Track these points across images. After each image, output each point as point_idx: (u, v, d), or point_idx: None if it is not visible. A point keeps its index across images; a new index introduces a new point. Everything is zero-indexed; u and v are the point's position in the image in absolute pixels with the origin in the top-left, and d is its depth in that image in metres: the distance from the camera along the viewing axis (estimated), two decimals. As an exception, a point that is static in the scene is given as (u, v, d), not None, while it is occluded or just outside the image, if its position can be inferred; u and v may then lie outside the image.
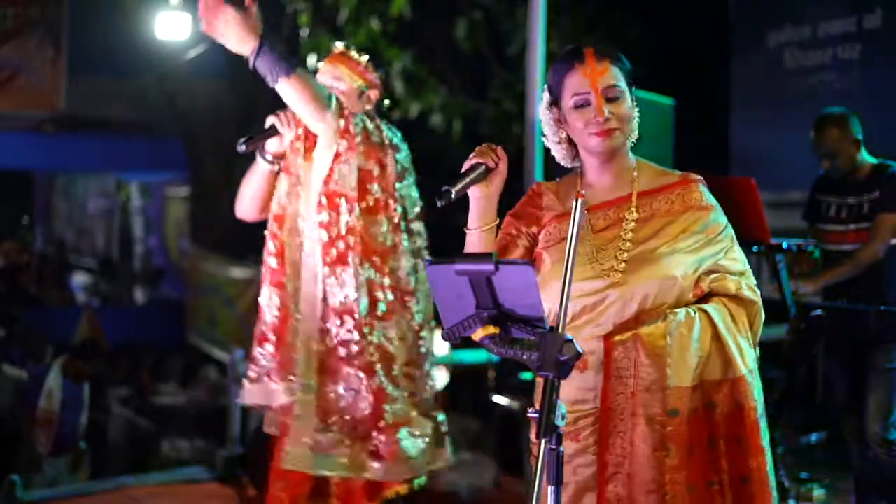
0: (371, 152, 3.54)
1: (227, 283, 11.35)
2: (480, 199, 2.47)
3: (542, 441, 2.02)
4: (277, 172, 3.67)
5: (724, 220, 2.49)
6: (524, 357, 2.08)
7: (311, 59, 9.19)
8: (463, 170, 2.43)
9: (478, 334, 2.13)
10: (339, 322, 3.45)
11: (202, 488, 5.80)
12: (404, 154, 3.68)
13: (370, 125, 3.57)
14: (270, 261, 3.59)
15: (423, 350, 3.66)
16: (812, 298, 4.69)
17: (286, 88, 3.31)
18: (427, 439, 3.54)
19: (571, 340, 2.02)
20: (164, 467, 7.97)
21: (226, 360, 8.29)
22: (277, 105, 3.63)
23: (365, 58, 3.71)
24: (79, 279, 18.20)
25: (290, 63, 3.28)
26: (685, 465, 2.31)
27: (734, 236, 2.49)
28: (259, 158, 3.62)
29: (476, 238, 2.50)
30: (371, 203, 3.53)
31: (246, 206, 3.76)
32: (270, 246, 3.60)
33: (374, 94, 3.71)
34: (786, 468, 4.63)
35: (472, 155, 2.45)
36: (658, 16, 8.85)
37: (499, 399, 6.07)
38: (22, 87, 11.11)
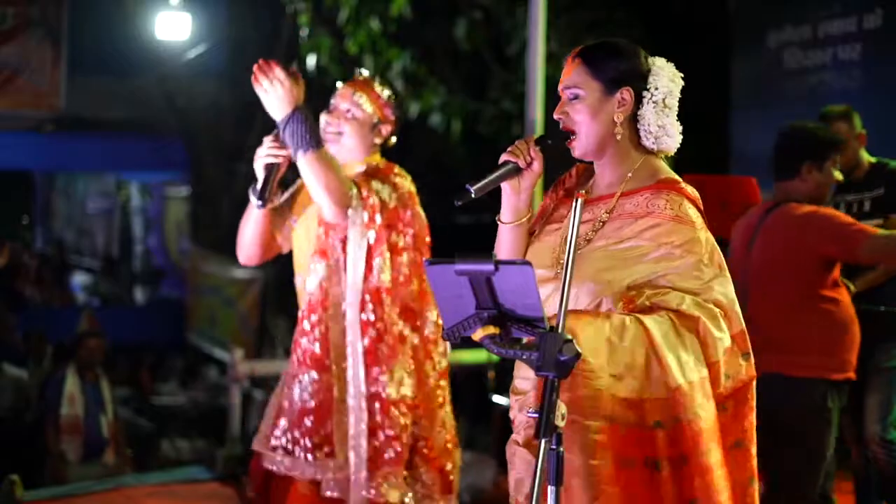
0: (395, 223, 3.49)
1: (227, 283, 11.35)
2: (511, 195, 2.48)
3: (542, 441, 2.02)
4: (283, 208, 3.58)
5: (690, 235, 2.35)
6: (524, 357, 2.08)
7: (311, 60, 9.20)
8: (500, 163, 2.44)
9: (478, 334, 2.13)
10: (387, 418, 3.42)
11: (202, 488, 5.79)
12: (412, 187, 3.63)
13: (385, 192, 3.48)
14: (313, 347, 3.48)
15: (440, 400, 3.62)
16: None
17: (308, 164, 3.30)
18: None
19: (571, 340, 2.02)
20: (164, 467, 7.96)
21: (226, 360, 8.29)
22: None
23: (387, 92, 3.66)
24: (79, 279, 18.19)
25: (318, 140, 3.29)
26: (617, 477, 2.22)
27: (703, 251, 2.35)
28: (252, 199, 3.50)
29: (506, 232, 2.52)
30: (406, 272, 3.50)
31: (247, 252, 3.66)
32: (313, 332, 3.48)
33: (386, 129, 3.63)
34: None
35: (507, 149, 2.45)
36: (658, 16, 8.86)
37: (499, 399, 6.07)
38: (22, 87, 11.13)
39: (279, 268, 14.26)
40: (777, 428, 3.80)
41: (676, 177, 2.46)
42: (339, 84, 3.69)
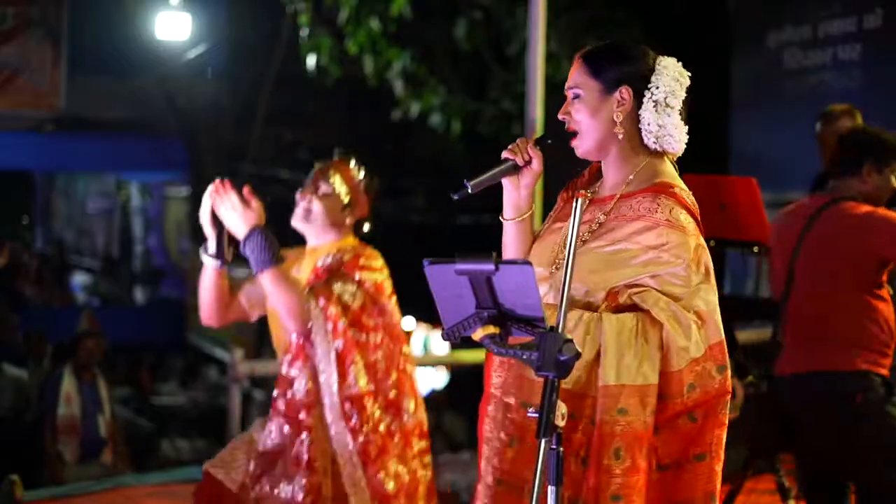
0: (362, 324, 3.45)
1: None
2: (511, 192, 2.50)
3: (542, 441, 2.02)
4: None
5: (679, 240, 2.32)
6: (524, 357, 2.08)
7: (311, 60, 9.21)
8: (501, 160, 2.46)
9: (478, 334, 2.12)
10: None
11: (202, 488, 5.78)
12: (385, 276, 3.57)
13: (347, 294, 3.43)
14: (302, 453, 3.41)
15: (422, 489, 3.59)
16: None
17: (266, 282, 3.32)
18: None
19: (571, 340, 2.02)
20: (164, 467, 7.96)
21: (226, 360, 8.28)
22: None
23: (363, 174, 3.61)
24: (79, 279, 18.20)
25: (274, 258, 3.30)
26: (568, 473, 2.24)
27: (690, 257, 2.32)
28: (206, 260, 3.46)
29: (509, 228, 2.54)
30: (383, 366, 3.46)
31: (207, 313, 3.57)
32: (302, 437, 3.42)
33: (358, 211, 3.58)
34: (785, 468, 4.62)
35: (508, 147, 2.47)
36: (658, 16, 8.86)
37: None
38: (22, 87, 11.13)
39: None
40: (849, 433, 3.77)
41: (675, 180, 2.44)
42: (315, 164, 3.65)
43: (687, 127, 2.47)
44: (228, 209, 3.31)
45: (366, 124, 14.01)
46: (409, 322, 14.96)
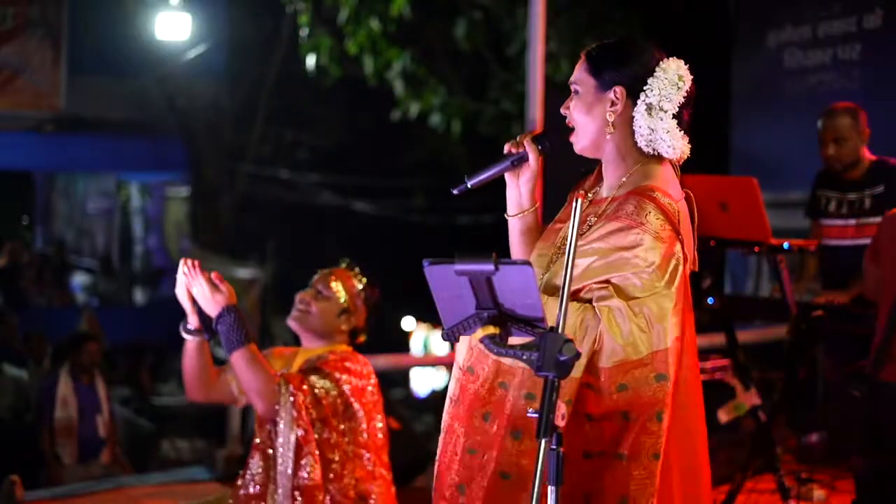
0: (329, 420, 3.44)
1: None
2: (512, 189, 2.53)
3: (542, 441, 2.02)
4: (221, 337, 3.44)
5: (647, 244, 2.30)
6: (524, 357, 2.08)
7: (311, 59, 9.21)
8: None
9: (478, 334, 2.13)
10: None
11: (202, 488, 5.78)
12: (373, 383, 3.56)
13: (322, 388, 3.43)
14: None
15: None
16: (812, 298, 4.69)
17: (235, 363, 3.34)
18: None
19: (571, 340, 2.02)
20: (164, 467, 7.95)
21: (225, 360, 8.27)
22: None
23: (363, 286, 3.63)
24: (79, 279, 18.19)
25: (245, 338, 3.32)
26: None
27: (658, 266, 2.30)
28: (187, 336, 3.47)
29: (512, 224, 2.56)
30: (338, 469, 3.44)
31: (189, 388, 3.58)
32: None
33: (354, 319, 3.60)
34: (786, 468, 4.63)
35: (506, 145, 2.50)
36: (658, 16, 8.86)
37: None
38: (22, 87, 11.13)
39: (279, 267, 14.29)
40: None
41: (664, 185, 2.40)
42: (319, 271, 3.67)
43: (683, 132, 2.43)
44: (199, 292, 3.35)
45: (366, 124, 14.01)
46: (409, 322, 14.96)
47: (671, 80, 2.41)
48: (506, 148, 2.48)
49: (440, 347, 11.85)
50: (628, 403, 2.30)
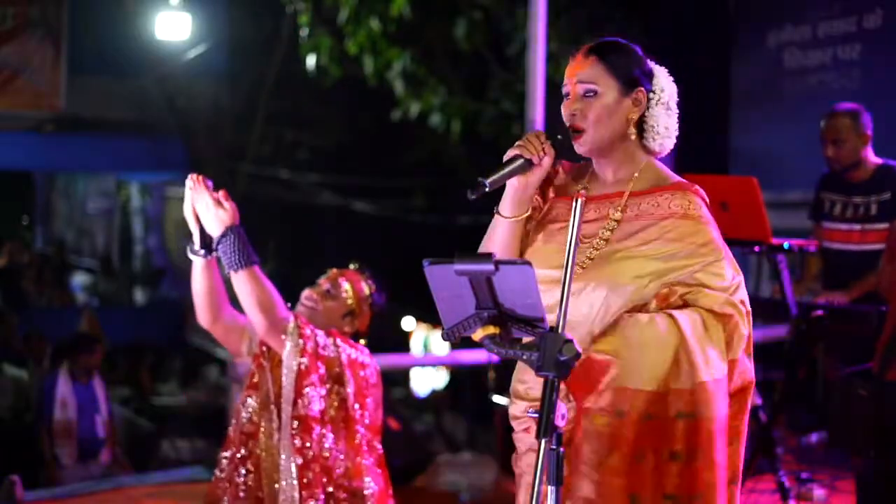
0: (331, 367, 3.43)
1: (227, 283, 11.34)
2: (518, 190, 2.43)
3: (542, 441, 2.02)
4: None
5: (712, 234, 2.39)
6: (524, 357, 2.08)
7: (311, 59, 9.21)
8: (505, 159, 2.40)
9: (478, 334, 2.12)
10: None
11: (202, 488, 5.78)
12: (370, 370, 3.55)
13: (322, 339, 3.44)
14: (246, 479, 3.42)
15: None
16: (812, 298, 4.69)
17: (240, 282, 3.30)
18: None
19: (571, 340, 2.03)
20: (163, 467, 7.96)
21: (226, 360, 8.28)
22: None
23: (371, 290, 3.63)
24: (79, 279, 18.19)
25: (248, 259, 3.28)
26: (627, 471, 2.25)
27: (724, 252, 2.39)
28: (194, 258, 3.43)
29: (503, 226, 2.47)
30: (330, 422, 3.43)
31: (200, 312, 3.54)
32: (245, 464, 3.42)
33: (359, 322, 3.61)
34: (786, 468, 4.63)
35: (516, 143, 2.41)
36: (658, 16, 8.86)
37: (499, 399, 6.07)
38: (22, 87, 11.14)
39: (279, 266, 14.28)
40: None
41: (685, 180, 2.48)
42: (329, 269, 3.65)
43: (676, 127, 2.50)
44: (203, 208, 3.30)
45: (366, 124, 14.01)
46: (409, 322, 14.96)
47: (667, 77, 2.48)
48: (513, 151, 2.40)
49: (440, 347, 11.84)
50: (735, 390, 2.38)
